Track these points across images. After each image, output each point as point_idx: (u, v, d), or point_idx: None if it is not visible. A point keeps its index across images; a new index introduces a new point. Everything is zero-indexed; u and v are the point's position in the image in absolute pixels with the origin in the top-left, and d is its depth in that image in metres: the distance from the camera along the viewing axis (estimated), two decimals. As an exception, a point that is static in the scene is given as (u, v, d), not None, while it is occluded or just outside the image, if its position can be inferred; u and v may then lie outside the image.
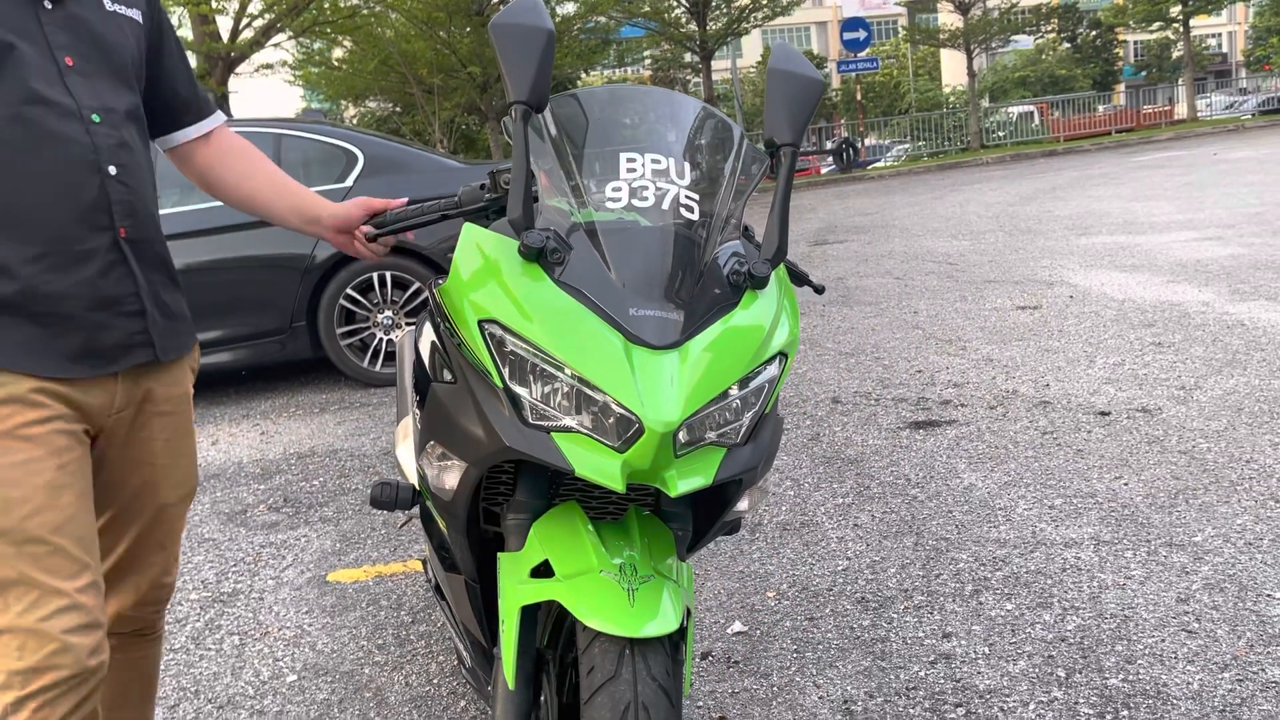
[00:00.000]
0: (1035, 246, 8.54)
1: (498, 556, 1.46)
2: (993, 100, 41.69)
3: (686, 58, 29.42)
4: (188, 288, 1.63)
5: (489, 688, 1.71)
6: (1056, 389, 4.39)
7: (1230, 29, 58.02)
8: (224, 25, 16.36)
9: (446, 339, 1.46)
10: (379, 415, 5.14)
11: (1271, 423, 3.69)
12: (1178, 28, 32.27)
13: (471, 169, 6.04)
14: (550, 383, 1.31)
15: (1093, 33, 46.33)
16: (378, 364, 5.73)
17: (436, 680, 2.48)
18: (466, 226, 1.47)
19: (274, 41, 17.43)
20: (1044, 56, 47.85)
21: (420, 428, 1.58)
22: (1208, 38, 54.29)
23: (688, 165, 1.47)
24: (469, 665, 1.88)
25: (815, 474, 3.66)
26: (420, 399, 1.59)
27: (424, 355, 1.63)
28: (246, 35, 16.48)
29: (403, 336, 2.52)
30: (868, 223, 11.96)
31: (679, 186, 1.43)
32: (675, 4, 24.50)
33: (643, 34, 26.43)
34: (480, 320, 1.34)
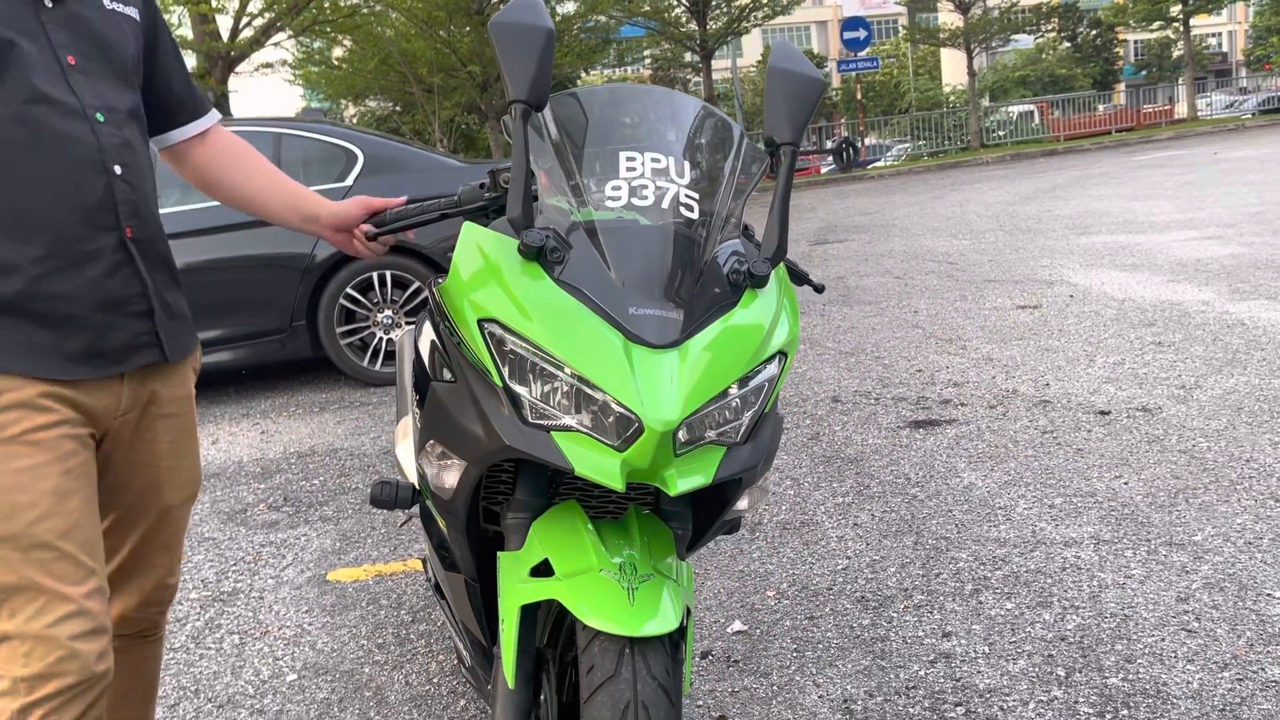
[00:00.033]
0: (1035, 246, 8.54)
1: (497, 555, 1.46)
2: (993, 99, 41.69)
3: (687, 57, 29.38)
4: (188, 287, 1.63)
5: (489, 687, 1.71)
6: (1056, 388, 4.39)
7: (1230, 28, 58.01)
8: (224, 24, 16.36)
9: (446, 338, 1.46)
10: (379, 414, 5.15)
11: (1271, 422, 3.69)
12: (1178, 27, 32.25)
13: (471, 168, 6.03)
14: (550, 382, 1.31)
15: (1093, 32, 46.34)
16: (377, 363, 5.73)
17: (436, 679, 2.48)
18: (466, 226, 1.47)
19: (274, 40, 17.43)
20: (1044, 56, 47.85)
21: (420, 427, 1.58)
22: (1208, 37, 54.27)
23: (688, 164, 1.47)
24: (469, 664, 1.88)
25: (815, 473, 3.66)
26: (420, 398, 1.59)
27: (424, 354, 1.62)
28: (246, 34, 16.47)
29: (402, 336, 2.52)
30: (868, 222, 11.96)
31: (679, 185, 1.43)
32: (675, 3, 24.48)
33: (643, 33, 26.40)
34: (480, 319, 1.34)
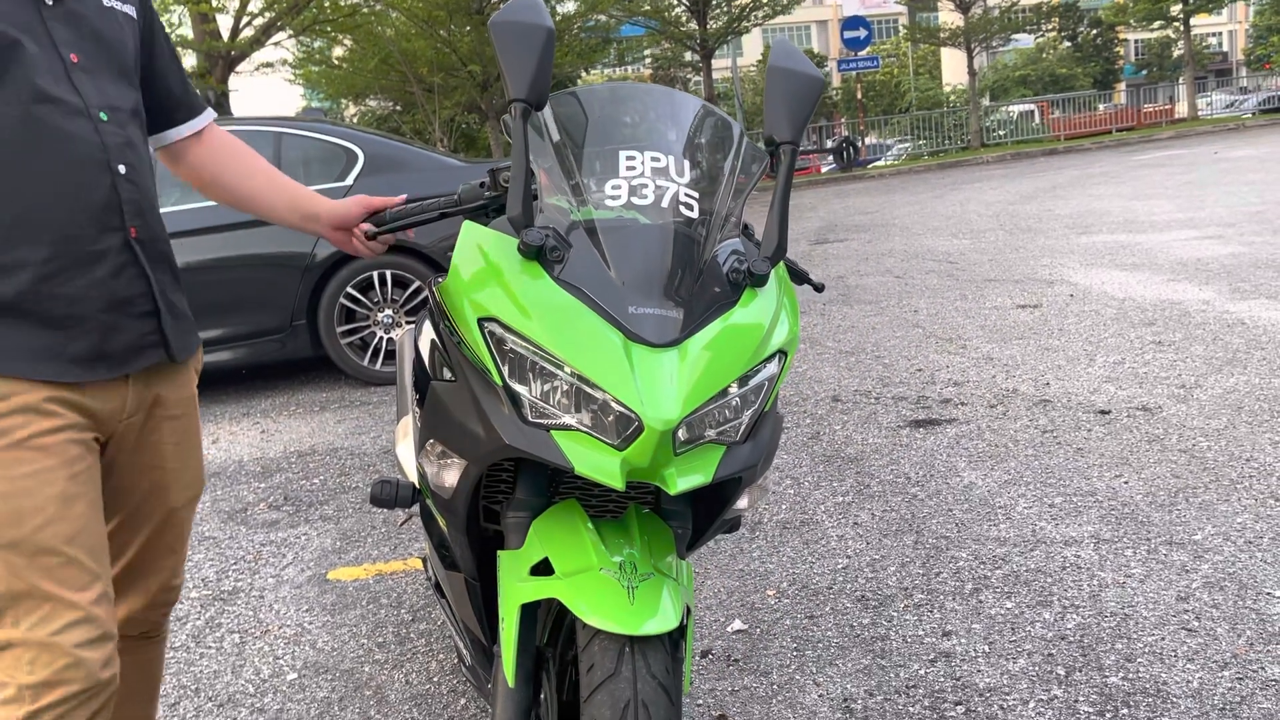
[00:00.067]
0: (1035, 245, 8.54)
1: (498, 554, 1.46)
2: (993, 99, 41.65)
3: (687, 56, 29.39)
4: (188, 287, 1.62)
5: (489, 685, 1.71)
6: (1056, 387, 4.39)
7: (1231, 28, 57.98)
8: (224, 24, 16.36)
9: (446, 337, 1.46)
10: (379, 414, 5.15)
11: (1272, 421, 3.69)
12: (1178, 26, 32.21)
13: (472, 167, 6.03)
14: (550, 381, 1.31)
15: (1093, 31, 46.32)
16: (378, 362, 5.73)
17: (437, 678, 2.48)
18: (466, 225, 1.47)
19: (274, 40, 17.44)
20: (1044, 55, 47.82)
21: (420, 426, 1.58)
22: (1208, 36, 54.25)
23: (687, 163, 1.47)
24: (469, 663, 1.88)
25: (815, 472, 3.66)
26: (420, 397, 1.59)
27: (424, 353, 1.62)
28: (247, 34, 16.48)
29: (403, 335, 2.52)
30: (868, 221, 11.95)
31: (678, 184, 1.43)
32: (675, 3, 24.48)
33: (643, 33, 26.40)
34: (480, 318, 1.34)
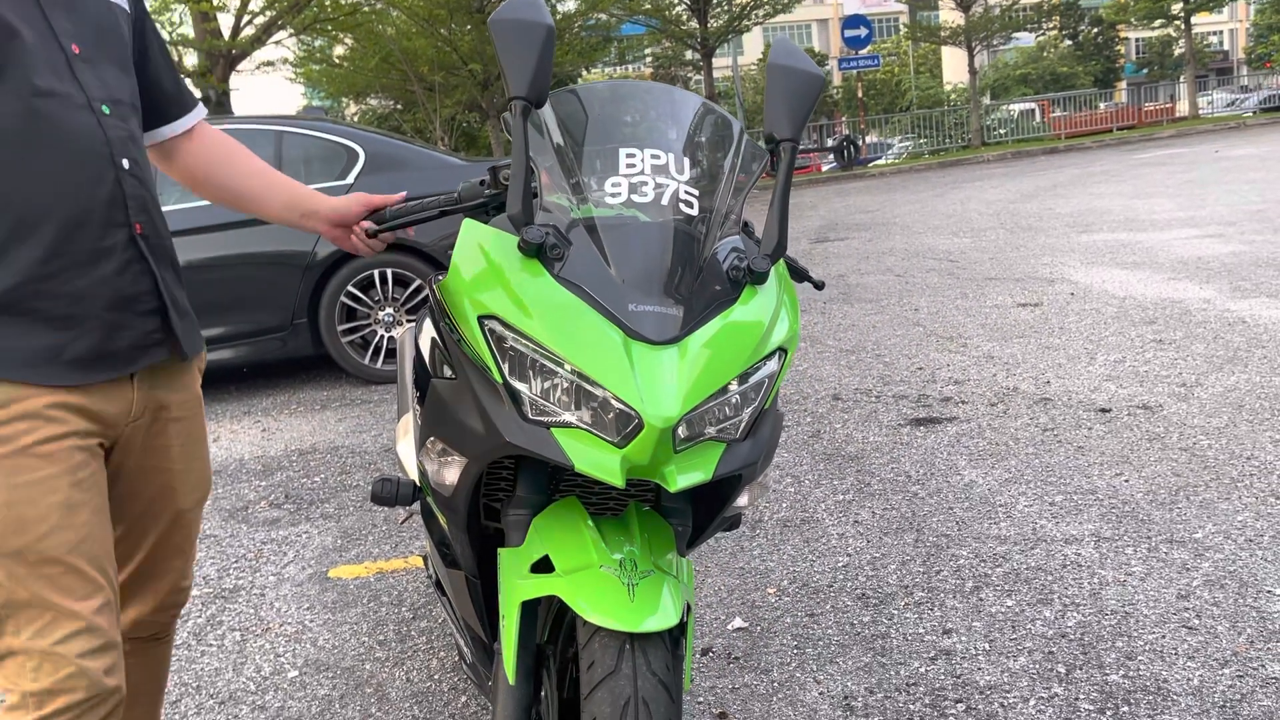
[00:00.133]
0: (1036, 244, 8.54)
1: (498, 552, 1.46)
2: (994, 98, 41.64)
3: (688, 55, 29.36)
4: (190, 285, 1.60)
5: (489, 683, 1.71)
6: (1057, 386, 4.39)
7: (1232, 26, 57.94)
8: (225, 22, 16.37)
9: (446, 335, 1.46)
10: (380, 412, 5.15)
11: (1272, 420, 3.69)
12: (1179, 25, 32.21)
13: (472, 166, 6.03)
14: (550, 378, 1.31)
15: (1094, 30, 46.29)
16: (378, 361, 5.73)
17: (437, 676, 2.49)
18: (466, 223, 1.47)
19: (275, 39, 17.44)
20: (1045, 54, 47.78)
21: (421, 424, 1.58)
22: (1209, 35, 54.20)
23: (687, 161, 1.47)
24: (470, 660, 1.89)
25: (816, 470, 3.66)
26: (420, 395, 1.59)
27: (424, 351, 1.62)
28: (248, 32, 16.48)
29: (403, 333, 2.52)
30: (869, 220, 11.95)
31: (678, 182, 1.43)
32: (676, 1, 24.47)
33: (644, 31, 26.38)
34: (480, 316, 1.35)
